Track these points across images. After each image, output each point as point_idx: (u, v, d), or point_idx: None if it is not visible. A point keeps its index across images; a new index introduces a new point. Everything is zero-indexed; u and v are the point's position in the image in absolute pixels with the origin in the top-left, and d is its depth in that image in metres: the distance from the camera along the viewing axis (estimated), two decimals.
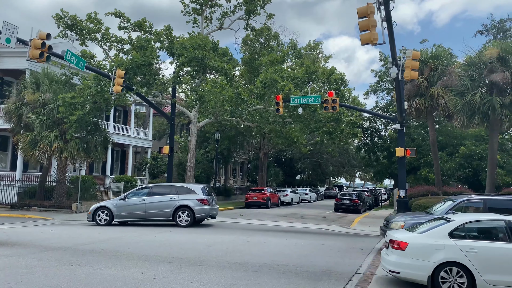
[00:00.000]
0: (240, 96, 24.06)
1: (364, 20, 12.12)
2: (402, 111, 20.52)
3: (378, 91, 44.52)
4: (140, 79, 22.96)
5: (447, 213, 10.77)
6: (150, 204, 16.94)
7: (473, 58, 23.43)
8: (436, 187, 26.88)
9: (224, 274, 8.51)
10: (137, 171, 37.30)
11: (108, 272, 8.35)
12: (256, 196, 31.72)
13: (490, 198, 11.57)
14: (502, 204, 11.30)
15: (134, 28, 25.28)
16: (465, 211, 11.38)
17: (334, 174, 78.82)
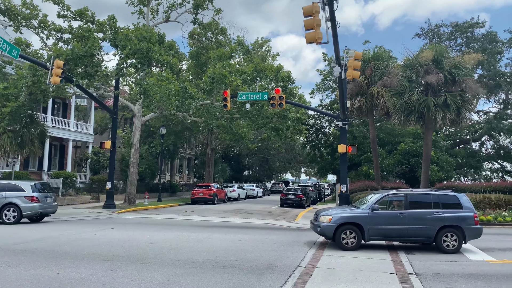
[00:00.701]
0: (187, 90, 23.71)
1: (309, 19, 12.36)
2: (344, 109, 21.23)
3: (323, 90, 45.75)
4: (81, 71, 21.94)
5: (372, 206, 11.57)
6: None
7: (411, 60, 24.74)
8: (376, 182, 28.16)
9: (166, 271, 8.36)
10: (77, 167, 35.62)
11: (42, 273, 7.91)
12: (202, 192, 31.48)
13: (410, 192, 12.34)
14: (420, 198, 12.12)
15: (75, 17, 24.03)
16: (389, 204, 12.13)
17: (281, 170, 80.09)
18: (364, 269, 9.07)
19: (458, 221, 11.43)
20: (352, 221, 11.55)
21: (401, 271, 9.05)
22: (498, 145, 41.82)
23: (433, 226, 11.37)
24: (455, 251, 11.26)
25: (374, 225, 11.44)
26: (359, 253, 10.94)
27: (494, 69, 36.83)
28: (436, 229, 11.34)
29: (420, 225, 11.43)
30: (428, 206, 11.69)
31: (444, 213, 11.47)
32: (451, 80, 23.16)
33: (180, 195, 41.62)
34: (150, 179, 37.87)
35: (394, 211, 11.78)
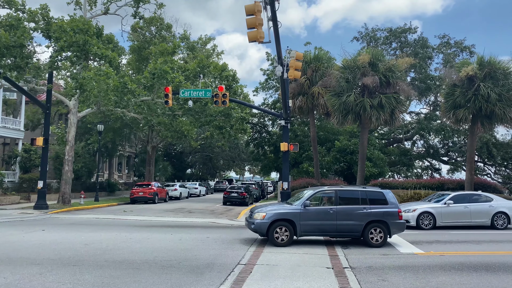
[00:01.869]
0: (127, 85, 22.93)
1: (251, 18, 12.43)
2: (287, 108, 21.62)
3: (266, 89, 46.25)
4: (10, 62, 20.47)
5: (304, 202, 11.94)
6: None
7: (349, 62, 25.70)
8: (316, 179, 28.98)
9: (101, 273, 8.03)
10: (5, 165, 33.22)
11: None
12: (142, 191, 30.63)
13: (340, 189, 12.90)
14: (349, 194, 12.66)
15: (3, 5, 22.35)
16: (321, 200, 12.61)
17: (225, 168, 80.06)
18: (302, 265, 9.30)
19: (384, 216, 12.07)
20: (285, 218, 11.80)
21: (337, 265, 9.38)
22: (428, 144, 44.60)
23: (360, 221, 11.92)
24: (381, 244, 11.89)
25: (306, 221, 11.77)
26: (298, 249, 11.20)
27: (425, 73, 39.26)
28: (363, 224, 11.90)
29: (348, 220, 11.93)
30: (356, 202, 12.23)
31: (371, 209, 12.07)
32: (386, 83, 24.38)
33: (119, 194, 40.21)
34: (86, 178, 36.20)
35: (325, 207, 12.20)
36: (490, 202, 17.11)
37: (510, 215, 16.85)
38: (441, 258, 10.44)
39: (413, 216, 16.62)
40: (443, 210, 16.73)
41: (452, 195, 17.39)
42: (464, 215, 16.73)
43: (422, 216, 16.63)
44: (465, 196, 17.69)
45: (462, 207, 16.80)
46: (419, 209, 16.78)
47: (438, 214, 16.66)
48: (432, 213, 16.63)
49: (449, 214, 16.72)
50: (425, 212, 16.65)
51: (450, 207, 16.78)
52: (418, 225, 16.53)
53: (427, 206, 17.08)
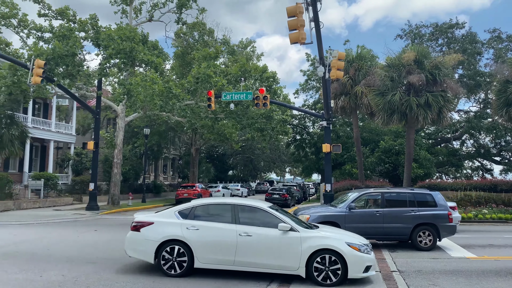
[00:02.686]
0: (171, 90, 23.56)
1: (293, 20, 12.44)
2: (328, 109, 21.40)
3: (307, 90, 46.01)
4: (63, 70, 21.61)
5: (349, 205, 11.76)
6: None
7: (393, 60, 25.05)
8: (359, 181, 28.44)
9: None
10: (59, 168, 35.05)
11: (24, 277, 7.79)
12: (187, 193, 31.35)
13: (386, 191, 12.57)
14: (396, 196, 12.38)
15: (56, 16, 23.66)
16: (367, 202, 12.36)
17: (265, 169, 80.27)
18: None
19: (433, 218, 11.70)
20: (329, 220, 11.67)
21: (385, 268, 9.19)
22: (478, 144, 42.66)
23: (408, 224, 11.61)
24: (430, 248, 11.52)
25: (351, 223, 11.59)
26: None
27: (474, 69, 37.55)
28: (411, 227, 11.59)
29: (396, 223, 11.65)
30: (403, 204, 11.93)
31: (419, 211, 11.73)
32: (432, 80, 23.56)
33: (165, 195, 41.33)
34: (134, 180, 37.52)
35: (371, 210, 11.98)
36: None
37: None
38: (496, 263, 9.97)
39: None
40: None
41: None
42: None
43: None
44: None
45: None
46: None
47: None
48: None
49: None
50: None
51: None
52: None
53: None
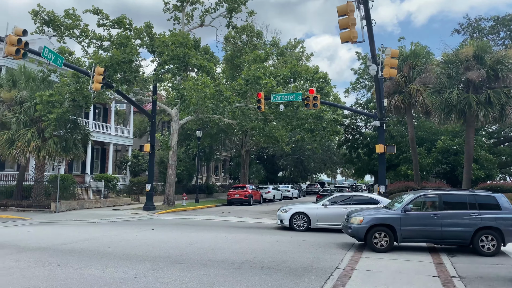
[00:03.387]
0: (222, 93, 24.03)
1: (344, 18, 12.26)
2: (381, 108, 20.84)
3: (358, 89, 45.05)
4: (120, 77, 22.69)
5: (405, 207, 11.33)
6: None
7: (450, 56, 23.94)
8: (415, 182, 27.40)
9: (206, 271, 8.53)
10: (118, 169, 36.85)
11: (88, 272, 8.27)
12: (238, 193, 31.77)
13: (445, 192, 11.97)
14: (455, 198, 11.74)
15: (113, 25, 24.91)
16: (423, 205, 11.85)
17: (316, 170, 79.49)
18: (405, 272, 8.89)
19: (497, 222, 11.01)
20: (384, 223, 11.35)
21: (444, 274, 8.80)
22: None
23: (469, 228, 11.00)
24: (493, 253, 10.85)
25: (407, 226, 11.20)
26: (399, 255, 10.73)
27: None
28: (472, 231, 10.97)
29: (455, 226, 11.09)
30: (463, 207, 11.33)
31: (481, 214, 11.08)
32: (494, 76, 22.24)
33: (217, 196, 42.15)
34: (187, 181, 38.61)
35: (428, 212, 11.49)
36: (374, 205, 14.98)
37: None
38: None
39: (285, 216, 15.99)
40: (319, 212, 15.60)
41: (332, 196, 16.39)
42: (342, 218, 14.28)
43: (295, 217, 15.82)
44: (346, 196, 16.35)
45: (341, 209, 15.13)
46: (293, 209, 16.01)
47: (313, 215, 15.61)
48: (306, 214, 15.67)
49: (326, 216, 15.47)
50: (299, 212, 15.82)
51: (327, 209, 15.56)
52: (292, 226, 15.81)
53: (303, 206, 16.36)
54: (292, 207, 16.33)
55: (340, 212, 15.06)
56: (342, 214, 14.59)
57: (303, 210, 15.85)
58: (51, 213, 21.87)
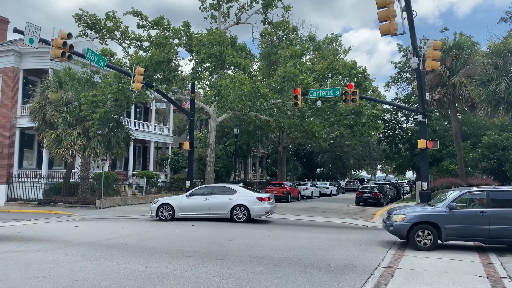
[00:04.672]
0: (259, 90, 24.02)
1: (383, 10, 11.92)
2: (423, 102, 20.14)
3: (398, 82, 43.83)
4: (160, 76, 23.18)
5: (449, 204, 10.92)
6: None
7: (497, 46, 22.77)
8: (460, 179, 26.37)
9: (245, 268, 8.57)
10: (158, 167, 37.80)
11: (132, 267, 8.52)
12: (275, 190, 31.72)
13: (493, 189, 11.35)
14: (505, 195, 11.16)
15: (152, 26, 25.48)
16: (469, 202, 11.34)
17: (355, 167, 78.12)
18: (450, 271, 8.56)
19: None
20: (427, 220, 10.99)
21: (493, 274, 8.41)
22: None
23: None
24: None
25: (452, 224, 10.78)
26: (444, 254, 10.35)
27: None
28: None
29: (504, 225, 10.54)
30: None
31: None
32: None
33: None
34: (225, 178, 39.03)
35: (475, 210, 10.98)
36: (232, 195, 16.87)
37: (250, 208, 16.52)
38: None
39: (154, 208, 17.55)
40: (182, 202, 17.30)
41: (195, 188, 18.43)
42: (203, 207, 17.05)
43: (161, 208, 17.36)
44: (209, 188, 18.13)
45: (201, 199, 17.09)
46: (160, 201, 17.66)
47: (177, 206, 17.28)
48: (171, 205, 17.31)
49: (189, 206, 17.18)
50: (165, 203, 17.46)
51: (189, 199, 17.26)
52: (158, 216, 17.34)
53: (169, 198, 18.28)
54: (159, 200, 17.99)
55: (200, 202, 17.07)
56: (202, 203, 17.02)
57: (169, 201, 17.57)
58: (96, 209, 22.75)
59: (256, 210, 16.66)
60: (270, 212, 16.98)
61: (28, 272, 7.95)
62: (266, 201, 16.85)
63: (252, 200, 16.71)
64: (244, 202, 16.67)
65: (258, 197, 16.88)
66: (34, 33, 15.36)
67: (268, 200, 17.02)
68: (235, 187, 17.68)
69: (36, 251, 10.17)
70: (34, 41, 15.42)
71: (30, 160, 27.99)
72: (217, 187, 18.13)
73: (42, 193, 25.04)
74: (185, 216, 17.31)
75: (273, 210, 17.40)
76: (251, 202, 16.67)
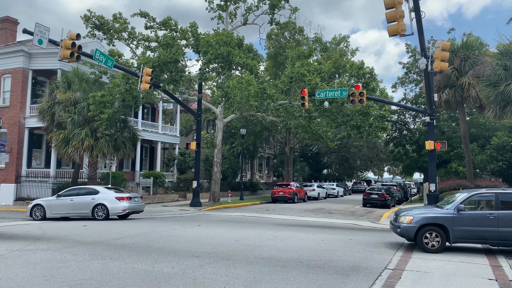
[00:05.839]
0: (266, 91, 24.03)
1: (391, 11, 11.87)
2: (431, 103, 20.02)
3: (406, 83, 43.60)
4: (167, 77, 23.29)
5: (458, 206, 10.83)
6: None
7: (506, 46, 22.60)
8: (468, 180, 26.16)
9: (251, 268, 8.57)
10: (165, 167, 37.93)
11: (139, 266, 8.55)
12: (282, 191, 31.71)
13: (502, 191, 11.23)
14: None
15: (160, 27, 25.63)
16: (478, 204, 11.25)
17: (362, 168, 77.87)
18: (458, 274, 8.49)
19: None
20: (435, 222, 10.91)
21: (502, 277, 8.32)
22: None
23: None
24: None
25: (460, 226, 10.69)
26: (452, 257, 10.27)
27: None
28: None
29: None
30: None
31: None
32: None
33: (261, 193, 42.32)
34: (232, 178, 39.06)
35: (483, 212, 10.88)
36: (94, 195, 17.82)
37: (109, 207, 17.54)
38: None
39: (29, 208, 18.28)
40: (52, 203, 18.07)
41: (65, 190, 19.04)
42: (69, 207, 17.85)
43: (35, 208, 18.07)
44: (76, 189, 18.72)
45: (68, 200, 17.92)
46: (33, 202, 18.42)
47: (47, 206, 18.03)
48: (42, 205, 18.07)
49: (57, 206, 17.94)
50: (37, 204, 18.19)
51: (58, 200, 18.04)
52: (32, 216, 18.03)
53: (42, 199, 19.04)
54: (34, 201, 18.73)
55: (67, 202, 17.88)
56: (68, 204, 17.85)
57: (41, 202, 18.32)
58: None
59: (115, 208, 17.78)
60: (128, 210, 17.96)
61: (37, 271, 8.02)
62: (125, 200, 18.00)
63: (111, 200, 17.84)
64: (105, 201, 17.76)
65: (117, 196, 18.01)
66: (43, 34, 15.50)
67: (128, 199, 18.12)
68: (99, 188, 18.67)
69: (45, 250, 10.25)
70: (43, 42, 15.56)
71: (39, 159, 28.23)
72: (83, 188, 18.98)
73: (50, 193, 25.22)
74: (55, 216, 18.11)
75: (137, 208, 18.43)
76: (111, 201, 17.80)
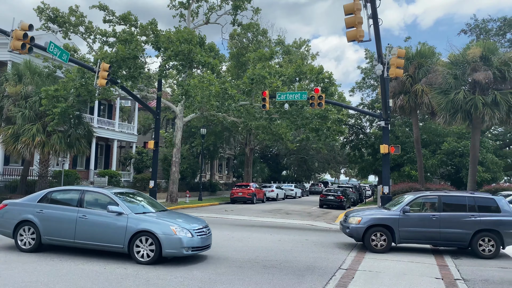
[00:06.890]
0: (227, 91, 23.93)
1: (350, 17, 12.16)
2: (387, 108, 20.70)
3: (363, 88, 44.89)
4: (125, 73, 22.65)
5: (403, 208, 11.32)
6: None
7: (457, 57, 23.79)
8: (419, 184, 27.27)
9: (207, 269, 8.49)
10: (122, 166, 36.92)
11: (90, 268, 8.24)
12: (241, 192, 31.72)
13: (444, 194, 11.90)
14: (454, 200, 11.70)
15: (119, 22, 24.90)
16: (423, 206, 11.79)
17: (320, 170, 79.36)
18: (408, 273, 8.82)
19: (496, 225, 10.97)
20: (382, 223, 11.33)
21: (448, 276, 8.73)
22: None
23: (468, 230, 10.96)
24: (492, 256, 10.81)
25: (405, 227, 11.17)
26: (403, 257, 10.66)
27: None
28: (471, 233, 10.93)
29: (454, 228, 11.04)
30: (462, 209, 11.28)
31: (480, 217, 11.03)
32: (501, 78, 22.07)
33: (220, 194, 42.12)
34: (191, 178, 38.61)
35: (427, 214, 11.44)
36: None
37: None
38: None
39: None
40: None
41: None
42: None
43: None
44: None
45: None
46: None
47: None
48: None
49: None
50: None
51: None
52: None
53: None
54: None
55: None
56: None
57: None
58: None
59: None
60: None
61: None
62: None
63: None
64: None
65: None
66: None
67: None
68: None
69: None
70: None
71: None
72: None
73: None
74: None
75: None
76: None
